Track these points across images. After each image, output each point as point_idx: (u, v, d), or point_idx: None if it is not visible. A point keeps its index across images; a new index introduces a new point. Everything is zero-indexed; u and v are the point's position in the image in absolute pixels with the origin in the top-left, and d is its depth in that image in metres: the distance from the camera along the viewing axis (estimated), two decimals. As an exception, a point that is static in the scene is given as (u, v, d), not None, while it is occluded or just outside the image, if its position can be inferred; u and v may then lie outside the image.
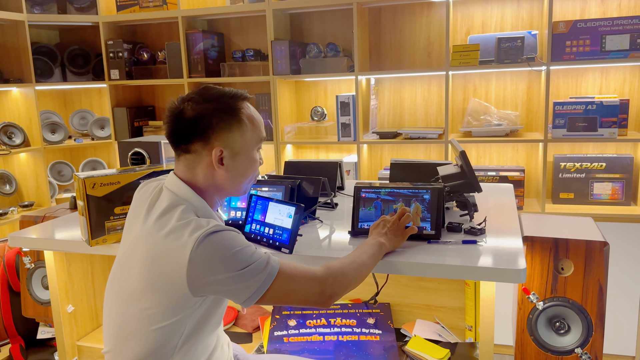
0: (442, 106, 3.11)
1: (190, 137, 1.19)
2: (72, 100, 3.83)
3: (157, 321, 1.12)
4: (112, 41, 3.37)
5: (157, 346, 1.13)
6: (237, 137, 1.20)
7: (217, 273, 1.08)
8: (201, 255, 1.08)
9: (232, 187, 1.25)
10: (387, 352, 1.71)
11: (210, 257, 1.08)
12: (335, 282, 1.18)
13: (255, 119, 1.24)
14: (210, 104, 1.19)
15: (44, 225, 1.84)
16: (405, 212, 1.43)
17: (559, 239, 1.55)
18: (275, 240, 1.46)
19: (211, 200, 1.26)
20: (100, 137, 3.60)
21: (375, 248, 1.32)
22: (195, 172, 1.22)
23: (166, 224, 1.13)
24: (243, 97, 1.23)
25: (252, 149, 1.24)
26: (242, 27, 3.42)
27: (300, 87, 3.37)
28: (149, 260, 1.11)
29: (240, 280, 1.09)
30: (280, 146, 3.15)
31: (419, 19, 3.08)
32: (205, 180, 1.22)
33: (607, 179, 2.75)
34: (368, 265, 1.28)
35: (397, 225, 1.40)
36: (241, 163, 1.23)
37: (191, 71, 3.25)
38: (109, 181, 1.55)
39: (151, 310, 1.12)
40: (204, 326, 1.18)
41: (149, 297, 1.12)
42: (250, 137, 1.23)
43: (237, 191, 1.28)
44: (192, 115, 1.18)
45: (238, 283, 1.09)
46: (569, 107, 2.65)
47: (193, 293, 1.10)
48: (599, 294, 1.52)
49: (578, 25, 2.58)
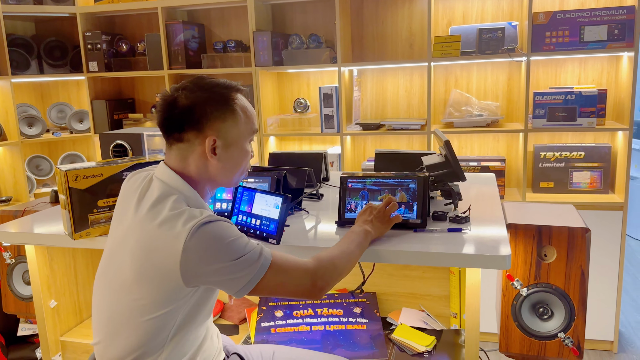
0: (424, 97, 3.13)
1: (184, 126, 1.18)
2: (50, 93, 3.75)
3: (149, 312, 1.11)
4: (90, 32, 3.31)
5: (149, 337, 1.12)
6: (231, 127, 1.20)
7: (210, 263, 1.08)
8: (195, 245, 1.07)
9: (223, 178, 1.25)
10: (374, 340, 1.73)
11: (204, 247, 1.07)
12: (326, 274, 1.19)
13: (249, 110, 1.25)
14: (205, 92, 1.19)
15: (25, 219, 1.80)
16: (391, 201, 1.44)
17: (542, 226, 1.58)
18: (262, 231, 1.46)
19: (202, 191, 1.25)
20: (79, 130, 3.53)
21: (362, 236, 1.33)
22: (187, 161, 1.21)
23: (159, 214, 1.12)
24: (237, 89, 1.23)
25: (244, 140, 1.24)
26: (223, 17, 3.39)
27: (283, 79, 3.36)
28: (141, 250, 1.10)
29: (234, 270, 1.09)
30: (263, 138, 3.14)
31: (401, 10, 3.08)
32: (197, 171, 1.22)
33: (586, 168, 2.81)
34: (356, 254, 1.30)
35: (383, 213, 1.42)
36: (234, 154, 1.23)
37: (171, 63, 3.21)
38: (92, 173, 1.53)
39: (143, 301, 1.11)
40: (195, 317, 1.18)
41: (140, 287, 1.11)
42: (243, 128, 1.23)
43: (229, 182, 1.27)
44: (186, 104, 1.17)
45: (231, 274, 1.09)
46: (548, 98, 2.68)
47: (186, 283, 1.10)
48: (581, 279, 1.55)
49: (557, 16, 2.61)
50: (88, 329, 1.95)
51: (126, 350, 1.14)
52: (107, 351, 1.18)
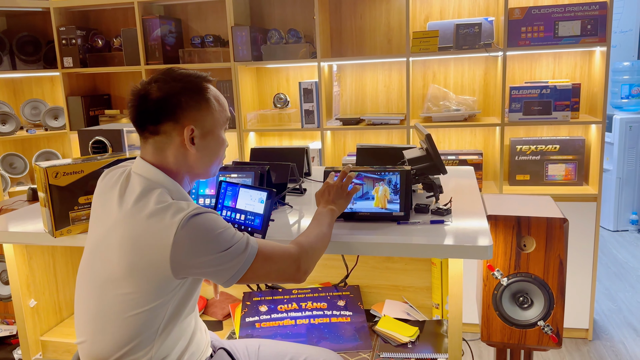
0: (403, 92, 3.15)
1: (160, 118, 1.17)
2: (23, 90, 3.67)
3: (138, 306, 1.10)
4: (64, 27, 3.24)
5: (138, 332, 1.12)
6: (206, 116, 1.21)
7: (200, 255, 1.08)
8: (185, 237, 1.07)
9: (202, 168, 1.25)
10: (358, 332, 1.75)
11: (194, 239, 1.08)
12: (308, 258, 1.24)
13: (220, 98, 1.26)
14: (178, 83, 1.18)
15: (1, 217, 1.77)
16: (345, 175, 1.48)
17: (521, 217, 1.61)
18: (247, 226, 1.46)
19: (182, 182, 1.25)
20: (54, 127, 3.47)
21: (330, 216, 1.39)
22: (165, 154, 1.20)
23: (145, 208, 1.11)
24: (207, 79, 1.24)
25: (220, 128, 1.25)
26: (201, 12, 3.36)
27: (262, 74, 3.35)
28: (130, 243, 1.10)
29: (223, 261, 1.11)
30: (243, 134, 3.13)
31: (379, 5, 3.10)
32: (176, 162, 1.21)
33: (561, 161, 2.87)
34: (328, 234, 1.35)
35: (341, 189, 1.46)
36: (210, 143, 1.23)
37: (148, 58, 3.17)
38: (72, 170, 1.51)
39: (132, 295, 1.10)
40: (182, 309, 1.18)
41: (129, 281, 1.10)
42: (218, 116, 1.24)
43: (207, 172, 1.28)
44: (160, 95, 1.16)
45: (220, 264, 1.10)
46: (524, 92, 2.74)
47: (175, 275, 1.10)
48: (560, 268, 1.60)
49: (532, 11, 2.66)
50: (69, 328, 1.92)
51: (115, 347, 1.13)
52: (93, 349, 1.17)
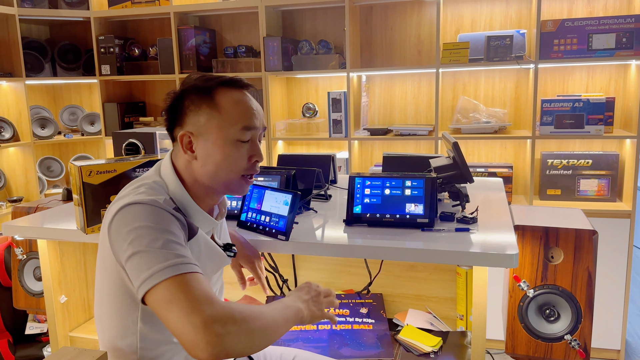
0: (432, 103, 3.15)
1: (170, 124, 1.18)
2: (62, 96, 3.80)
3: (112, 300, 1.12)
4: (103, 36, 3.36)
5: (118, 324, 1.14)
6: (208, 120, 1.12)
7: (121, 245, 1.02)
8: (115, 225, 1.04)
9: (208, 179, 1.15)
10: (380, 340, 1.74)
11: (121, 227, 1.02)
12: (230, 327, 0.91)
13: (235, 103, 1.13)
14: (185, 87, 1.16)
15: (37, 215, 1.83)
16: (331, 294, 1.26)
17: (549, 228, 1.59)
18: (271, 228, 1.47)
19: (198, 196, 1.18)
20: (90, 132, 3.58)
21: (292, 312, 1.10)
22: (178, 160, 1.19)
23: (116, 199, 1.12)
24: (222, 82, 1.15)
25: (225, 135, 1.12)
26: (234, 23, 3.43)
27: (292, 84, 3.39)
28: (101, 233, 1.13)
29: (139, 261, 0.97)
30: (271, 142, 3.17)
31: (410, 17, 3.12)
32: (185, 170, 1.17)
33: (593, 176, 2.81)
34: (280, 328, 1.03)
35: (320, 300, 1.22)
36: (212, 150, 1.12)
37: (182, 67, 3.25)
38: (105, 169, 1.56)
39: (104, 289, 1.14)
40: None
41: (101, 276, 1.15)
42: (223, 122, 1.12)
43: (217, 185, 1.16)
44: (169, 102, 1.18)
45: (135, 264, 0.98)
46: (556, 105, 2.70)
47: (120, 265, 1.06)
48: (588, 281, 1.56)
49: (566, 24, 2.63)
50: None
51: (106, 342, 1.18)
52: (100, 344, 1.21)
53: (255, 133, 1.17)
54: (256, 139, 1.18)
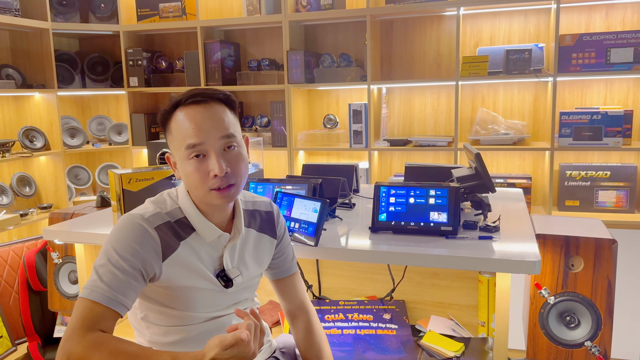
0: (451, 115, 3.21)
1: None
2: (90, 106, 3.93)
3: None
4: (131, 49, 3.49)
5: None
6: (169, 143, 1.21)
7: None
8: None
9: (195, 195, 1.21)
10: (404, 345, 1.79)
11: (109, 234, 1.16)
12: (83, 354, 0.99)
13: (180, 123, 1.15)
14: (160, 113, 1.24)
15: (74, 221, 1.92)
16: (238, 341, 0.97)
17: (570, 237, 1.63)
18: (301, 234, 1.54)
19: (205, 212, 1.23)
20: (117, 142, 3.69)
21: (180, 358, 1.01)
22: None
23: None
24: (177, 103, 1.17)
25: (180, 156, 1.17)
26: (258, 37, 3.54)
27: (314, 96, 3.48)
28: None
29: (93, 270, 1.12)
30: (293, 152, 3.25)
31: (429, 31, 3.19)
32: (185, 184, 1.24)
33: (612, 187, 2.84)
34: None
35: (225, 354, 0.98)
36: (181, 169, 1.19)
37: (208, 79, 3.36)
38: (144, 177, 1.64)
39: None
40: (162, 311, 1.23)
41: None
42: (175, 144, 1.18)
43: (202, 199, 1.19)
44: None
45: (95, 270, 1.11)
46: (574, 117, 2.74)
47: None
48: (608, 289, 1.60)
49: (584, 38, 2.68)
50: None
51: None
52: None
53: (204, 147, 1.14)
54: (213, 152, 1.15)
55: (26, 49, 3.36)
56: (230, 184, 1.17)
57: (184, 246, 1.19)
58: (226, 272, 1.25)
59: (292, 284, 1.43)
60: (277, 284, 1.43)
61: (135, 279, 1.10)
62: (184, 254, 1.19)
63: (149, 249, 1.13)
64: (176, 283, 1.17)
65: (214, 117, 1.15)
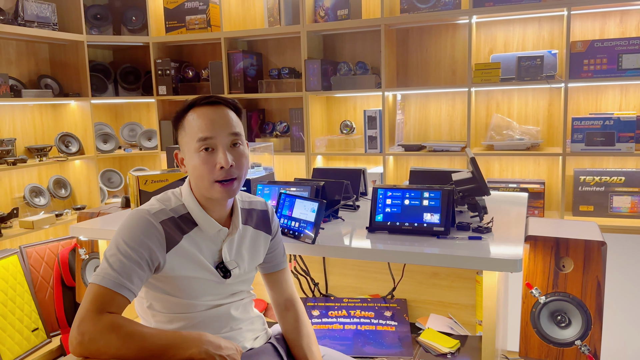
0: (466, 121, 3.26)
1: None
2: (122, 114, 4.16)
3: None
4: (160, 60, 3.68)
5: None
6: (181, 139, 1.34)
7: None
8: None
9: (196, 188, 1.34)
10: (402, 340, 1.87)
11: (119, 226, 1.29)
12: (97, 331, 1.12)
13: (195, 119, 1.30)
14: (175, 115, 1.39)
15: (100, 219, 2.09)
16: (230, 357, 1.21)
17: (560, 238, 1.69)
18: (300, 232, 1.65)
19: (206, 207, 1.36)
20: (147, 147, 3.90)
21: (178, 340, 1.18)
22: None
23: None
24: (192, 104, 1.33)
25: (190, 149, 1.31)
26: (279, 47, 3.68)
27: (331, 103, 3.59)
28: None
29: (102, 259, 1.24)
30: (311, 157, 3.37)
31: (444, 39, 3.26)
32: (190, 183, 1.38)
33: (626, 193, 2.84)
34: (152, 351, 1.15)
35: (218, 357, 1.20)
36: (189, 163, 1.32)
37: (231, 87, 3.52)
38: (159, 179, 1.79)
39: None
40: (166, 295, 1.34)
41: None
42: (187, 137, 1.31)
43: (205, 191, 1.32)
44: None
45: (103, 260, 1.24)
46: (587, 123, 2.76)
47: None
48: (597, 290, 1.65)
49: (595, 44, 2.71)
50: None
51: None
52: None
53: (214, 142, 1.29)
54: (220, 147, 1.29)
55: (63, 60, 3.60)
56: (234, 177, 1.31)
57: (186, 239, 1.32)
58: (225, 263, 1.38)
59: (282, 278, 1.55)
60: (268, 278, 1.56)
61: (141, 267, 1.23)
62: (187, 247, 1.32)
63: (154, 240, 1.26)
64: (179, 273, 1.30)
65: (224, 117, 1.32)
